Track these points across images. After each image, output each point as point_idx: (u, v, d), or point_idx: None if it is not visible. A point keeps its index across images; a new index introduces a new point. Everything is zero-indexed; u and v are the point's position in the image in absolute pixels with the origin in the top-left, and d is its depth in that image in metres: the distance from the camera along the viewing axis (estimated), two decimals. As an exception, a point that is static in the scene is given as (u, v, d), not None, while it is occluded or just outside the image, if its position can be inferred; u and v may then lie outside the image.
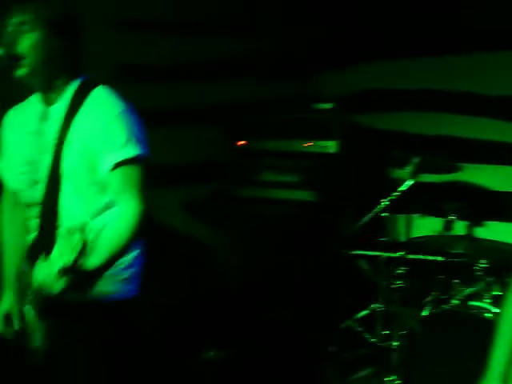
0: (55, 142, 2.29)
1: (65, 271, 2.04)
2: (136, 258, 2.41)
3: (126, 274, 2.37)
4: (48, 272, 2.07)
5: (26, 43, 2.21)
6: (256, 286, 4.28)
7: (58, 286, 2.07)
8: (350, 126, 4.55)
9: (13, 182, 2.49)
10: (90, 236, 2.05)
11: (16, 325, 2.44)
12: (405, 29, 4.72)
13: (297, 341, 3.99)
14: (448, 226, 3.76)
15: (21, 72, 2.24)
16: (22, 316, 2.41)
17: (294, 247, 4.29)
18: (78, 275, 2.08)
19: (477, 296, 3.49)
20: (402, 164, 3.83)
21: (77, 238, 2.00)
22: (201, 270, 4.44)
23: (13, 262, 2.54)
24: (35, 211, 2.38)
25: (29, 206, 2.41)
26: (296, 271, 4.25)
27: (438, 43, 4.59)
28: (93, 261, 2.16)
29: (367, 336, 3.87)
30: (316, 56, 5.11)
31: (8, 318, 2.49)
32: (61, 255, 2.02)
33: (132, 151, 2.26)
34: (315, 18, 5.01)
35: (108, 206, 2.33)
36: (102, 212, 2.33)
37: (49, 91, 2.33)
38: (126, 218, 2.26)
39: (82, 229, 2.01)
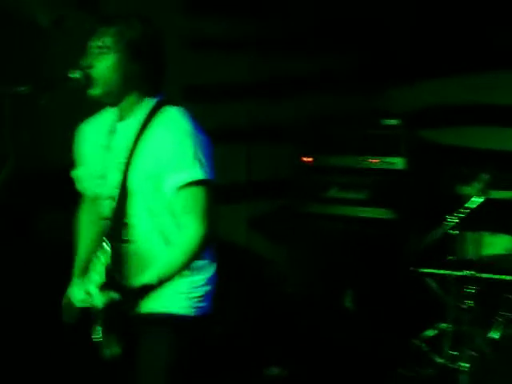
0: (125, 158, 2.34)
1: (104, 286, 2.10)
2: (210, 278, 2.43)
3: (199, 293, 2.40)
4: (86, 289, 2.16)
5: (104, 65, 2.28)
6: (321, 303, 4.27)
7: (100, 301, 2.14)
8: (417, 142, 4.50)
9: (89, 192, 2.56)
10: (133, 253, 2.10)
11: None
12: (472, 44, 4.66)
13: (361, 359, 3.95)
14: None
15: (96, 92, 2.30)
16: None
17: (360, 264, 4.27)
18: (123, 290, 2.15)
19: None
20: (470, 180, 3.76)
21: (106, 254, 2.09)
22: (264, 285, 4.46)
23: (85, 261, 2.58)
24: (104, 225, 2.44)
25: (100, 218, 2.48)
26: (362, 288, 4.23)
27: (506, 57, 4.51)
28: (145, 277, 2.22)
29: (434, 356, 3.80)
30: (384, 71, 5.09)
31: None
32: (96, 272, 2.11)
33: (198, 174, 2.28)
34: (383, 33, 4.99)
35: (176, 225, 2.36)
36: (170, 230, 2.36)
37: (122, 108, 2.38)
38: (186, 241, 2.28)
39: (110, 245, 2.12)
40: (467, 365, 3.52)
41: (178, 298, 2.33)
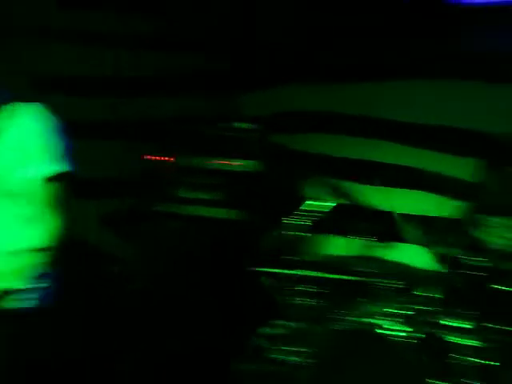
0: None
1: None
2: (44, 275, 2.36)
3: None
4: None
5: None
6: (164, 301, 4.31)
7: None
8: (268, 147, 4.64)
9: None
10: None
11: None
12: (324, 54, 4.85)
13: (203, 355, 4.02)
14: (355, 245, 3.85)
15: None
16: None
17: (205, 263, 4.35)
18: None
19: (379, 314, 3.60)
20: (315, 185, 3.92)
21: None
22: (112, 282, 4.46)
23: None
24: None
25: None
26: (204, 287, 4.30)
27: (353, 70, 4.74)
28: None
29: (273, 352, 3.92)
30: (238, 75, 5.19)
31: None
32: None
33: (52, 167, 2.29)
34: (240, 36, 5.10)
35: (24, 220, 2.34)
36: (16, 226, 2.33)
37: None
38: (44, 233, 2.28)
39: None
40: (303, 360, 3.66)
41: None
